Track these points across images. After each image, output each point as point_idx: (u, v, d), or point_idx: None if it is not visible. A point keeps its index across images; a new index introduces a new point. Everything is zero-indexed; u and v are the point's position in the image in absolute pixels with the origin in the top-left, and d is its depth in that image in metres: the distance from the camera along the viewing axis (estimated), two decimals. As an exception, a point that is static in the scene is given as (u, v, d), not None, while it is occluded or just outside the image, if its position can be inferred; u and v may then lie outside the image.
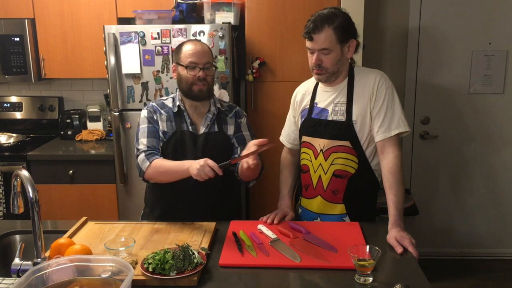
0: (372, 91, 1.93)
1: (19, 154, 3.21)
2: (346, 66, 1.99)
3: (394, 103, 1.93)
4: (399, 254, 1.68)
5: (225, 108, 2.15)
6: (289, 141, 2.21)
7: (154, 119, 2.06)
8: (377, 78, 1.95)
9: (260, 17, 3.03)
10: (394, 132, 1.91)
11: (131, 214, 3.10)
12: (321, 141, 1.98)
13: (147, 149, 2.00)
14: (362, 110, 1.93)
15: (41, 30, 3.31)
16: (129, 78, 2.98)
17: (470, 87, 3.45)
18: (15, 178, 1.56)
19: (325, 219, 2.02)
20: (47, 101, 3.69)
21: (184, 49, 2.03)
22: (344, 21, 1.90)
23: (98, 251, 1.69)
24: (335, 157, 1.96)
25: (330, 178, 1.98)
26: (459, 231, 3.66)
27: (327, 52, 1.89)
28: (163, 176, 1.97)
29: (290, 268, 1.60)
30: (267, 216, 2.00)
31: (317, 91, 2.06)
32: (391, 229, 1.80)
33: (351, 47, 1.94)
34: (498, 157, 3.54)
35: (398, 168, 1.89)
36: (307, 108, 2.07)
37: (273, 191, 2.40)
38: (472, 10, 3.34)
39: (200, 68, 1.99)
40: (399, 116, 1.92)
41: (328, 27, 1.87)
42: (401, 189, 1.87)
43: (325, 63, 1.91)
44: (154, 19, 2.97)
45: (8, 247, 1.96)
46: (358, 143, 1.94)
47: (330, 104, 1.99)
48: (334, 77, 1.97)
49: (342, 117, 1.95)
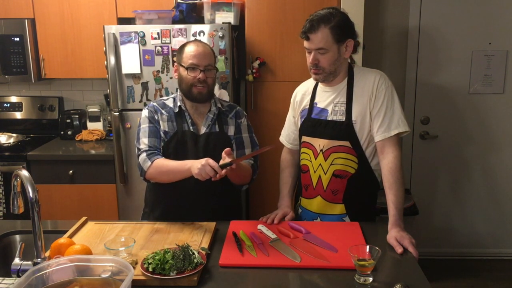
0: (371, 91, 1.93)
1: (19, 154, 3.21)
2: (344, 66, 1.98)
3: (394, 103, 1.93)
4: (399, 254, 1.68)
5: (226, 108, 2.15)
6: (289, 141, 2.21)
7: (155, 119, 2.06)
8: (377, 78, 1.94)
9: (260, 17, 3.03)
10: (394, 132, 1.91)
11: (131, 214, 3.10)
12: (321, 141, 1.98)
13: (148, 149, 2.00)
14: (362, 110, 1.93)
15: (41, 30, 3.31)
16: (129, 78, 2.98)
17: (470, 87, 3.46)
18: (15, 178, 1.56)
19: (325, 219, 2.02)
20: (47, 101, 3.69)
21: (186, 50, 2.03)
22: (341, 20, 1.89)
23: (98, 251, 1.69)
24: (335, 157, 1.96)
25: (330, 178, 1.98)
26: (459, 231, 3.66)
27: (324, 51, 1.89)
28: (164, 176, 1.97)
29: (290, 268, 1.59)
30: (267, 216, 2.00)
31: (317, 91, 2.06)
32: (391, 229, 1.80)
33: (348, 47, 1.94)
34: (498, 157, 3.54)
35: (398, 168, 1.89)
36: (306, 108, 2.07)
37: (273, 191, 2.40)
38: (472, 10, 3.34)
39: (200, 70, 1.99)
40: (398, 116, 1.92)
41: (325, 27, 1.87)
42: (401, 189, 1.87)
43: (322, 63, 1.91)
44: (154, 19, 2.97)
45: (8, 247, 1.95)
46: (358, 143, 1.95)
47: (330, 104, 1.99)
48: (331, 77, 1.97)
49: (342, 117, 1.95)
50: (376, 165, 2.00)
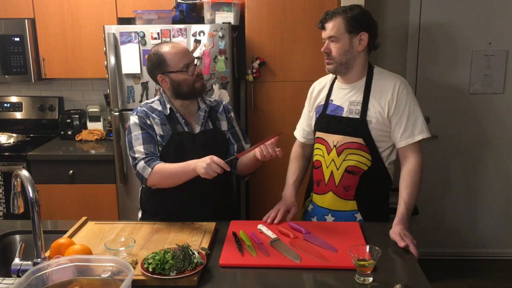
0: (391, 97, 1.91)
1: (19, 154, 3.21)
2: (359, 61, 1.96)
3: (416, 109, 1.93)
4: (401, 247, 1.69)
5: (214, 103, 2.14)
6: (303, 135, 2.20)
7: (148, 124, 2.01)
8: (397, 83, 1.93)
9: (260, 17, 3.03)
10: (418, 138, 1.92)
11: (131, 214, 3.10)
12: (334, 137, 1.98)
13: (145, 156, 1.95)
14: (378, 113, 1.92)
15: (41, 30, 3.31)
16: (129, 78, 2.98)
17: (470, 87, 3.45)
18: (15, 178, 1.56)
19: (336, 215, 2.01)
20: (47, 101, 3.69)
21: (168, 56, 1.97)
22: (358, 13, 1.90)
23: (98, 251, 1.69)
24: (348, 153, 1.95)
25: (342, 174, 1.97)
26: (459, 231, 3.66)
27: (334, 40, 1.90)
28: (168, 180, 1.93)
29: (290, 268, 1.59)
30: (267, 215, 1.99)
31: (333, 87, 2.06)
32: (396, 225, 1.81)
33: (362, 41, 1.92)
34: (498, 157, 3.54)
35: (418, 172, 1.90)
36: (322, 104, 2.07)
37: (273, 191, 2.40)
38: (472, 10, 3.34)
39: (195, 65, 2.00)
40: (421, 122, 1.93)
41: (339, 17, 1.90)
42: (415, 192, 1.88)
43: (333, 52, 1.92)
44: (154, 19, 2.97)
45: (8, 247, 1.95)
46: (372, 141, 1.94)
47: (346, 102, 1.98)
48: (343, 69, 1.95)
49: (357, 116, 1.94)
50: (390, 164, 2.00)
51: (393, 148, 2.00)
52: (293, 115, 3.13)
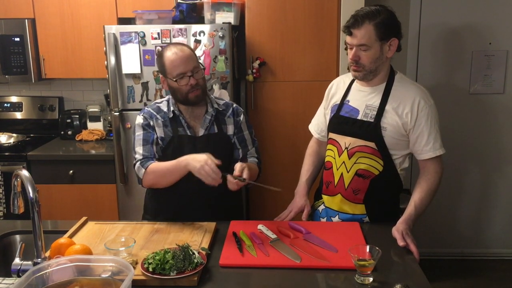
0: (410, 110, 1.87)
1: (19, 154, 3.21)
2: (386, 67, 1.93)
3: (437, 122, 1.91)
4: (400, 247, 1.70)
5: (222, 107, 2.12)
6: (317, 131, 2.18)
7: (150, 125, 2.03)
8: (419, 94, 1.89)
9: (260, 17, 3.03)
10: (439, 152, 1.91)
11: (131, 214, 3.10)
12: (346, 139, 1.94)
13: (142, 157, 1.98)
14: (394, 121, 1.88)
15: (41, 30, 3.31)
16: (129, 78, 2.98)
17: (470, 87, 3.45)
18: (15, 178, 1.56)
19: (344, 217, 1.99)
20: (47, 101, 3.69)
21: (166, 61, 1.96)
22: (386, 18, 1.83)
23: (98, 251, 1.69)
24: (360, 156, 1.92)
25: (352, 177, 1.94)
26: (459, 231, 3.66)
27: (365, 48, 1.83)
28: (162, 178, 1.95)
29: (290, 268, 1.59)
30: (279, 217, 2.01)
31: (351, 88, 2.02)
32: (400, 223, 1.80)
33: (392, 46, 1.87)
34: (497, 158, 3.54)
35: (436, 182, 1.90)
36: (337, 104, 2.03)
37: (273, 191, 2.39)
38: (472, 10, 3.33)
39: (189, 76, 1.95)
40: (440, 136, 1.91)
41: (369, 23, 1.80)
42: (428, 198, 1.88)
43: (362, 60, 1.85)
44: (154, 19, 2.97)
45: (8, 247, 1.95)
46: (385, 147, 1.89)
47: (362, 104, 1.94)
48: (371, 76, 1.90)
49: (372, 120, 1.90)
50: (402, 170, 1.98)
51: (407, 156, 1.98)
52: (293, 115, 3.15)
